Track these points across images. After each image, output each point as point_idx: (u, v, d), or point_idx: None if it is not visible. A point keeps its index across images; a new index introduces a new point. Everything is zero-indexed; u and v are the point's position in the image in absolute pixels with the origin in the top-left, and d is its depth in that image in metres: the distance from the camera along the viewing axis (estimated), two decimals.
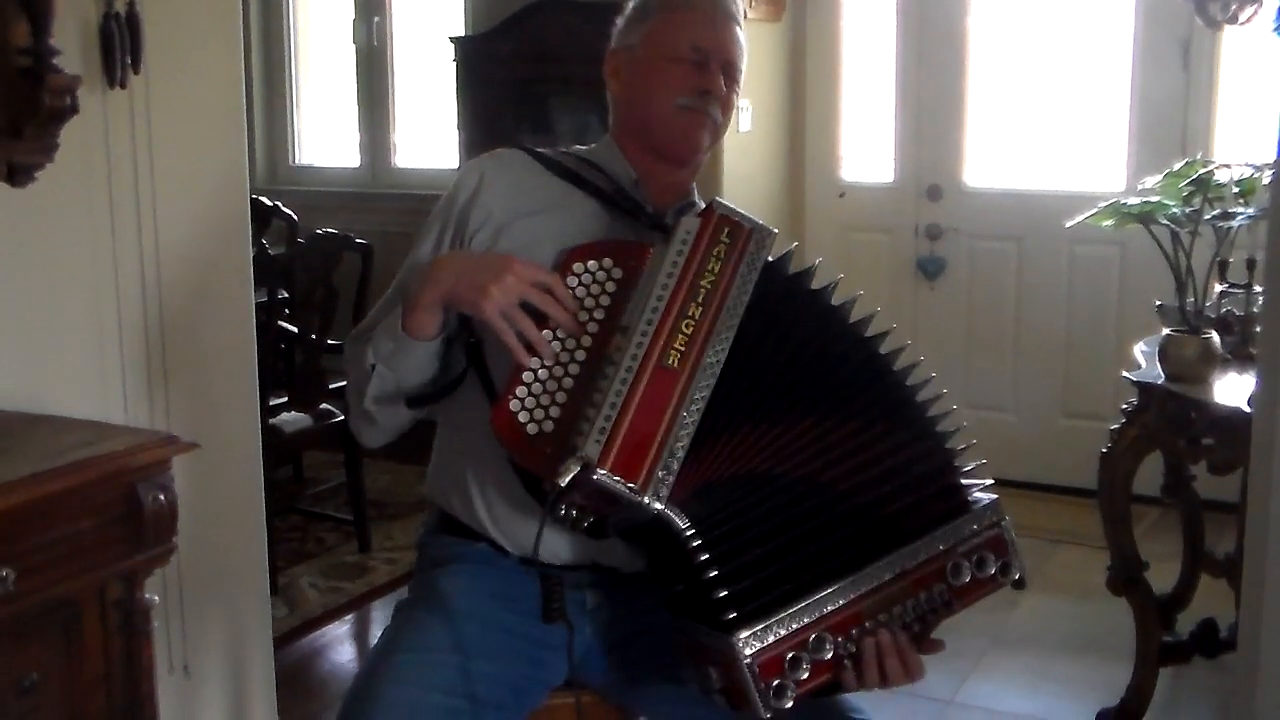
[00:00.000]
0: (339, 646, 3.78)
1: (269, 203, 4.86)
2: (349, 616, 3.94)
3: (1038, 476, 4.93)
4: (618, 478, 1.58)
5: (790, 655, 1.60)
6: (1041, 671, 3.55)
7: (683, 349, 1.64)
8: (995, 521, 1.75)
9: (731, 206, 1.73)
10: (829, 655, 1.63)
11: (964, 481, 1.76)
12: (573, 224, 1.86)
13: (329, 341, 4.20)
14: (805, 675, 1.61)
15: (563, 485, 1.58)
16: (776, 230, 1.74)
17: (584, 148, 2.03)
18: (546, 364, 1.67)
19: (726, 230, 1.70)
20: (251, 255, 2.86)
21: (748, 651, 1.57)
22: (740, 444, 1.66)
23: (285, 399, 4.18)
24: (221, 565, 2.81)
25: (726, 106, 1.94)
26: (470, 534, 1.90)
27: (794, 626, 1.60)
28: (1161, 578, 3.22)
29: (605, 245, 1.77)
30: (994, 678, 3.52)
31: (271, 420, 3.92)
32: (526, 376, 1.67)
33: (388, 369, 1.79)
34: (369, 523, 4.41)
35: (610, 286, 1.72)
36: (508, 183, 1.91)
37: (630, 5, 2.00)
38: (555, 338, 1.68)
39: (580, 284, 1.72)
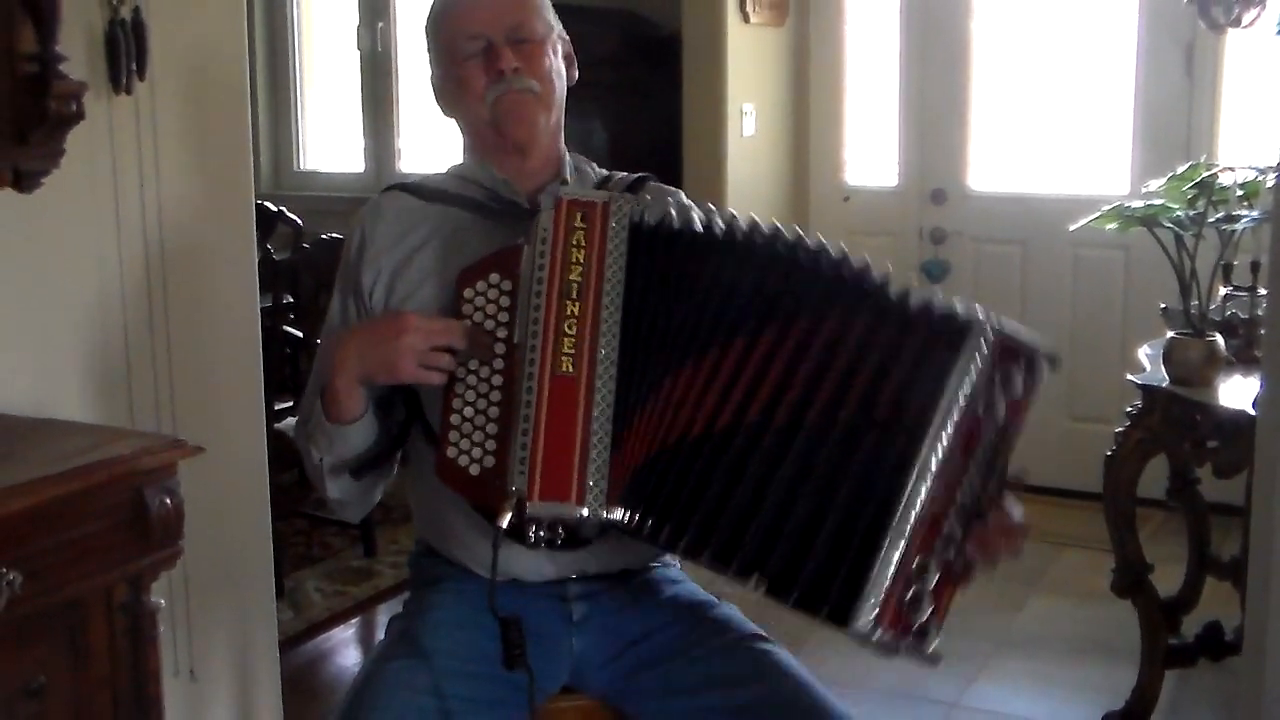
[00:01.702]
0: (344, 650, 3.79)
1: (274, 208, 4.86)
2: (354, 620, 3.95)
3: (1042, 479, 4.90)
4: (550, 502, 1.58)
5: (908, 600, 1.50)
6: (1047, 675, 3.55)
7: (572, 351, 1.62)
8: (989, 329, 1.56)
9: (577, 189, 1.74)
10: (937, 574, 1.51)
11: (936, 312, 1.57)
12: (456, 247, 1.84)
13: None
14: (932, 606, 1.51)
15: (504, 527, 1.59)
16: (634, 197, 1.71)
17: (456, 165, 2.03)
18: (469, 400, 1.67)
19: (580, 215, 1.66)
20: (256, 260, 2.87)
21: (875, 632, 1.49)
22: (671, 408, 1.61)
23: (290, 403, 4.18)
24: (227, 569, 2.81)
25: (535, 69, 1.87)
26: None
27: (887, 577, 1.48)
28: (1167, 581, 3.21)
29: (489, 261, 1.73)
30: (999, 680, 3.52)
31: (277, 425, 3.92)
32: (454, 419, 1.67)
33: (335, 459, 1.81)
34: (374, 527, 4.41)
35: (504, 301, 1.70)
36: (386, 230, 1.91)
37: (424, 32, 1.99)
38: (469, 370, 1.68)
39: (475, 308, 1.70)
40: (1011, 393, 1.54)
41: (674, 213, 1.68)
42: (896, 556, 1.49)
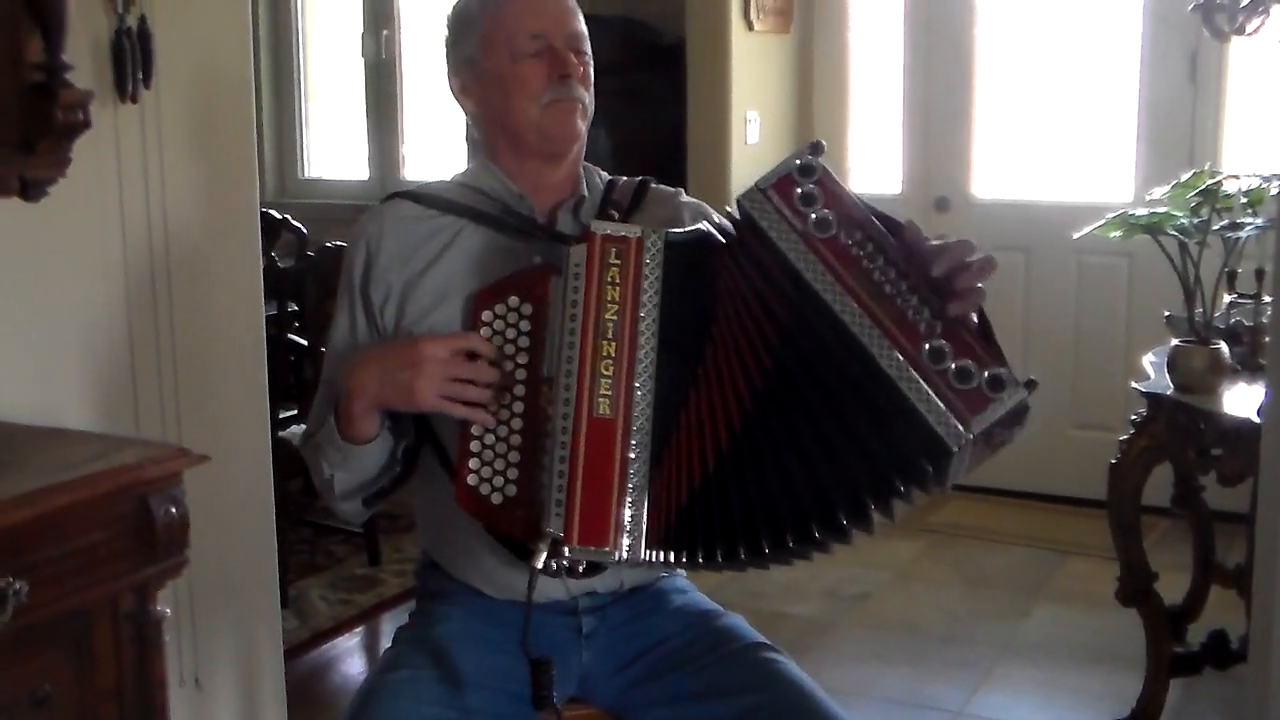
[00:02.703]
0: (349, 659, 3.79)
1: (278, 215, 4.86)
2: (359, 629, 3.95)
3: (1047, 487, 4.92)
4: (586, 546, 1.58)
5: (955, 378, 1.51)
6: (1052, 683, 3.54)
7: (609, 393, 1.60)
8: (753, 190, 1.62)
9: (610, 223, 1.68)
10: (949, 343, 1.53)
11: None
12: (471, 262, 1.82)
13: None
14: (975, 363, 1.52)
15: (539, 568, 1.58)
16: (663, 228, 1.67)
17: (461, 173, 1.98)
18: (489, 428, 1.66)
19: (614, 252, 1.63)
20: (261, 268, 2.87)
21: (974, 425, 1.50)
22: (695, 433, 1.61)
23: (295, 411, 4.18)
24: (232, 577, 2.81)
25: (586, 80, 1.87)
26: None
27: (927, 392, 1.51)
28: (1172, 589, 3.21)
29: (508, 282, 1.71)
30: (1004, 689, 3.51)
31: (281, 433, 3.93)
32: (474, 446, 1.66)
33: (344, 473, 1.80)
34: (379, 535, 4.41)
35: (525, 325, 1.68)
36: (393, 243, 1.86)
37: (450, 18, 1.94)
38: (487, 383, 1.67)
39: (494, 331, 1.69)
40: (814, 203, 1.59)
41: (706, 227, 1.68)
42: (912, 374, 1.51)
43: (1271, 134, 4.46)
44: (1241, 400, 2.75)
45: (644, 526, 1.60)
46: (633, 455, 1.59)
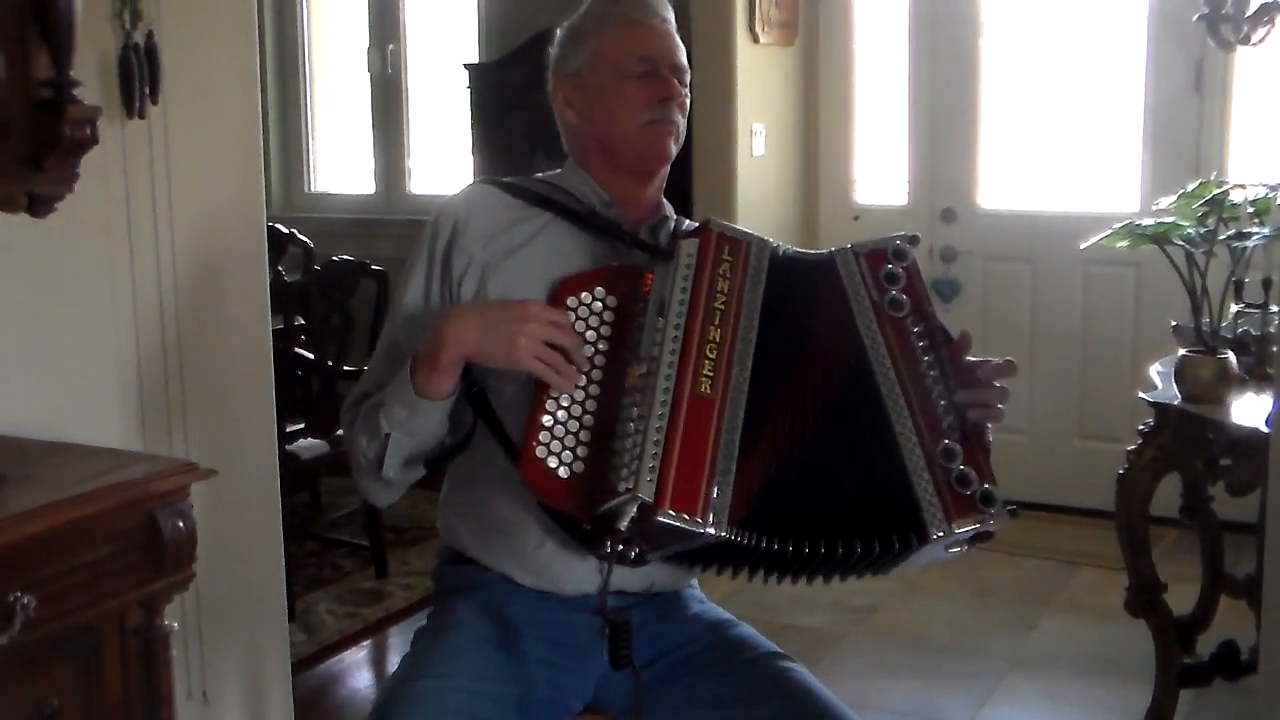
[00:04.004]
0: (357, 672, 3.78)
1: (285, 230, 4.89)
2: (366, 642, 3.94)
3: (1054, 498, 4.91)
4: (679, 513, 1.60)
5: (955, 480, 1.67)
6: (1060, 694, 3.53)
7: (712, 374, 1.67)
8: (847, 252, 1.82)
9: (725, 224, 1.78)
10: (962, 449, 1.69)
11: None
12: (556, 254, 1.87)
13: (345, 368, 4.21)
14: (976, 474, 1.69)
15: (622, 529, 1.60)
16: (770, 239, 1.80)
17: (548, 173, 2.03)
18: (564, 404, 1.70)
19: (727, 248, 1.75)
20: (268, 282, 2.88)
21: (954, 527, 1.66)
22: (778, 437, 1.70)
23: (302, 425, 4.19)
24: (240, 591, 2.81)
25: (683, 108, 1.95)
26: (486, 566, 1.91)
27: (928, 482, 1.67)
28: (1181, 599, 3.20)
29: (595, 275, 1.80)
30: (1013, 700, 3.50)
31: (288, 447, 3.93)
32: (546, 420, 1.69)
33: (404, 434, 1.80)
34: (386, 548, 4.41)
35: (608, 316, 1.76)
36: (484, 222, 1.91)
37: (561, 32, 2.01)
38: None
39: (577, 317, 1.75)
40: (896, 282, 1.78)
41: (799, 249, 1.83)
42: (922, 462, 1.68)
43: (1277, 143, 4.46)
44: (1249, 410, 2.75)
45: (729, 503, 1.64)
46: (725, 436, 1.65)
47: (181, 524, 2.00)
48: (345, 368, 4.21)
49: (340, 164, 6.44)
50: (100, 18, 2.40)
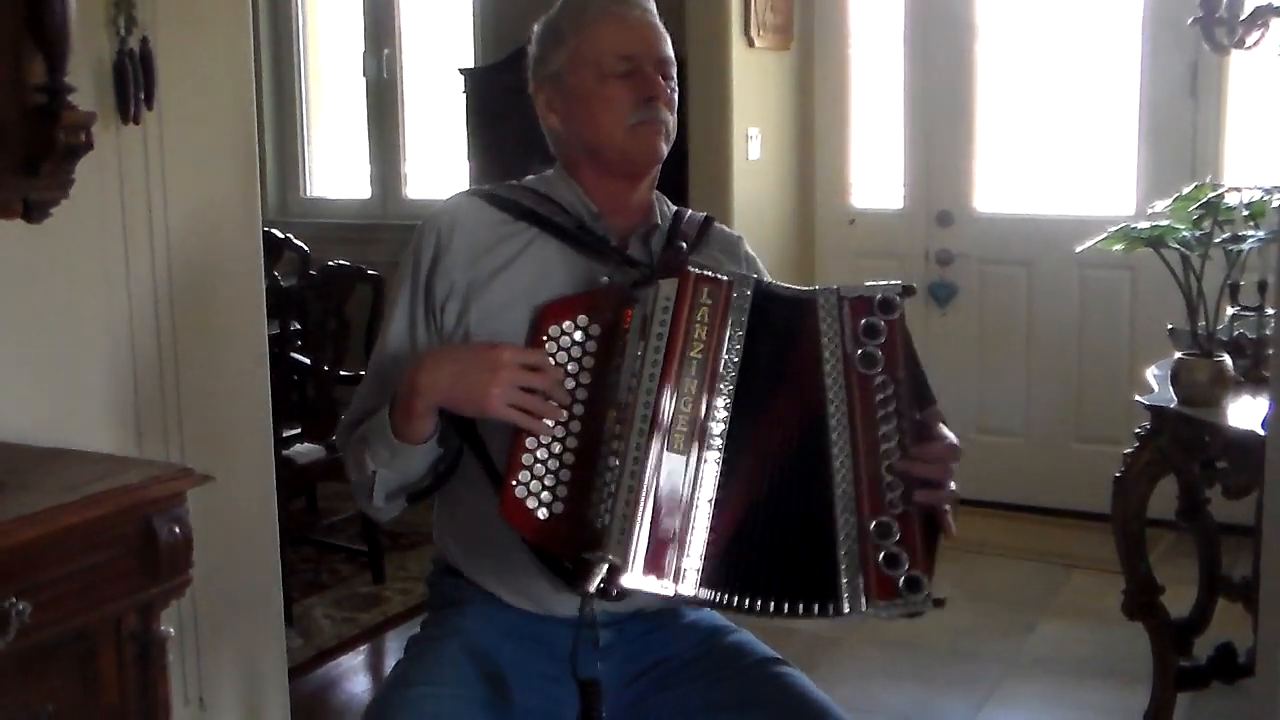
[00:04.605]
0: (353, 677, 3.78)
1: (281, 235, 4.88)
2: (363, 647, 3.94)
3: (1051, 501, 4.92)
4: (649, 578, 1.58)
5: (882, 560, 1.61)
6: (1057, 697, 3.53)
7: (686, 429, 1.61)
8: (830, 294, 1.69)
9: (702, 263, 1.69)
10: (898, 530, 1.63)
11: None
12: (540, 274, 1.82)
13: (341, 373, 4.21)
14: (909, 558, 1.62)
15: (591, 590, 1.58)
16: (751, 274, 1.72)
17: (536, 178, 1.97)
18: (544, 442, 1.66)
19: (706, 291, 1.65)
20: (264, 288, 2.88)
21: (867, 605, 1.61)
22: (748, 492, 1.65)
23: (298, 430, 4.18)
24: (236, 597, 2.81)
25: (671, 105, 1.88)
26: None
27: (854, 548, 1.62)
28: (1178, 602, 3.20)
29: (578, 301, 1.73)
30: (1011, 703, 3.50)
31: (285, 452, 3.93)
32: (525, 459, 1.66)
33: (389, 470, 1.78)
34: (383, 553, 4.41)
35: (590, 346, 1.70)
36: (466, 242, 1.86)
37: (539, 28, 1.94)
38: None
39: (559, 347, 1.70)
40: (875, 336, 1.66)
41: (784, 284, 1.73)
42: (854, 534, 1.62)
43: (1272, 146, 4.47)
44: (1245, 412, 2.75)
45: (701, 565, 1.61)
46: (700, 495, 1.61)
47: (178, 529, 2.00)
48: (341, 372, 4.20)
49: (336, 169, 6.44)
50: (95, 23, 2.41)
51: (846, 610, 1.61)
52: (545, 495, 1.66)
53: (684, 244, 1.89)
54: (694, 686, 1.84)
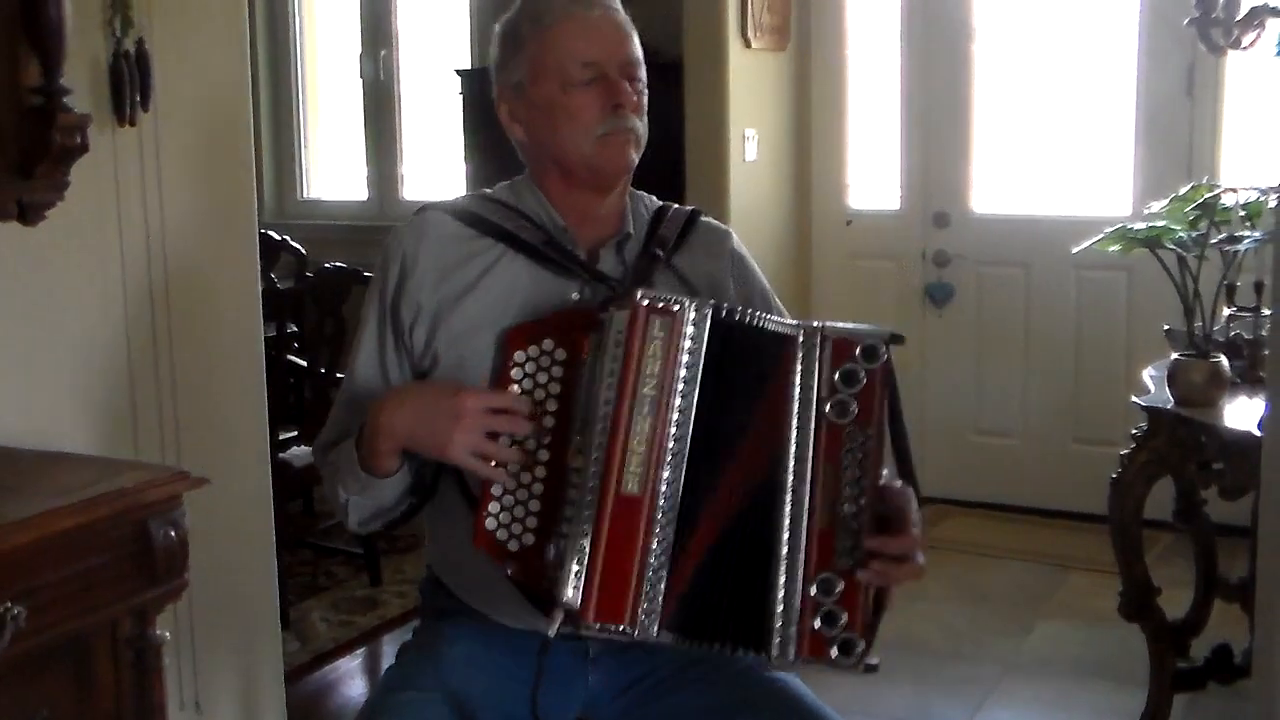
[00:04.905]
0: (350, 680, 3.77)
1: (277, 237, 4.88)
2: (360, 650, 3.93)
3: (1047, 502, 4.92)
4: (604, 623, 1.56)
5: (820, 616, 1.57)
6: (1055, 699, 3.53)
7: (640, 471, 1.55)
8: (812, 333, 1.60)
9: (656, 293, 1.60)
10: (840, 588, 1.57)
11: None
12: (508, 293, 1.77)
13: (338, 375, 4.20)
14: (847, 619, 1.57)
15: (551, 635, 1.57)
16: (711, 300, 1.62)
17: (505, 187, 1.90)
18: (512, 473, 1.62)
19: (658, 323, 1.57)
20: (260, 290, 2.88)
21: (794, 655, 1.57)
22: (712, 530, 1.60)
23: (295, 433, 4.18)
24: (232, 600, 2.81)
25: (640, 110, 1.80)
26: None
27: (779, 603, 1.57)
28: (1175, 603, 3.20)
29: (545, 325, 1.67)
30: (1008, 705, 3.50)
31: (281, 454, 3.93)
32: (495, 490, 1.63)
33: (361, 499, 1.76)
34: (380, 556, 4.40)
35: (557, 371, 1.64)
36: (431, 262, 1.79)
37: (499, 28, 1.85)
38: (515, 441, 1.63)
39: (525, 374, 1.64)
40: (852, 384, 1.58)
41: (756, 312, 1.64)
42: (797, 584, 1.57)
43: (1269, 146, 4.47)
44: (1242, 413, 2.75)
45: (660, 607, 1.58)
46: (656, 535, 1.56)
47: (174, 533, 1.99)
48: (338, 375, 4.19)
49: (332, 170, 6.44)
50: (91, 25, 2.40)
51: (775, 656, 1.57)
52: (515, 527, 1.63)
53: (660, 251, 1.83)
54: (687, 693, 1.82)
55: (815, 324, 1.61)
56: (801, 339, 1.60)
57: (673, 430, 1.57)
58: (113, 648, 1.97)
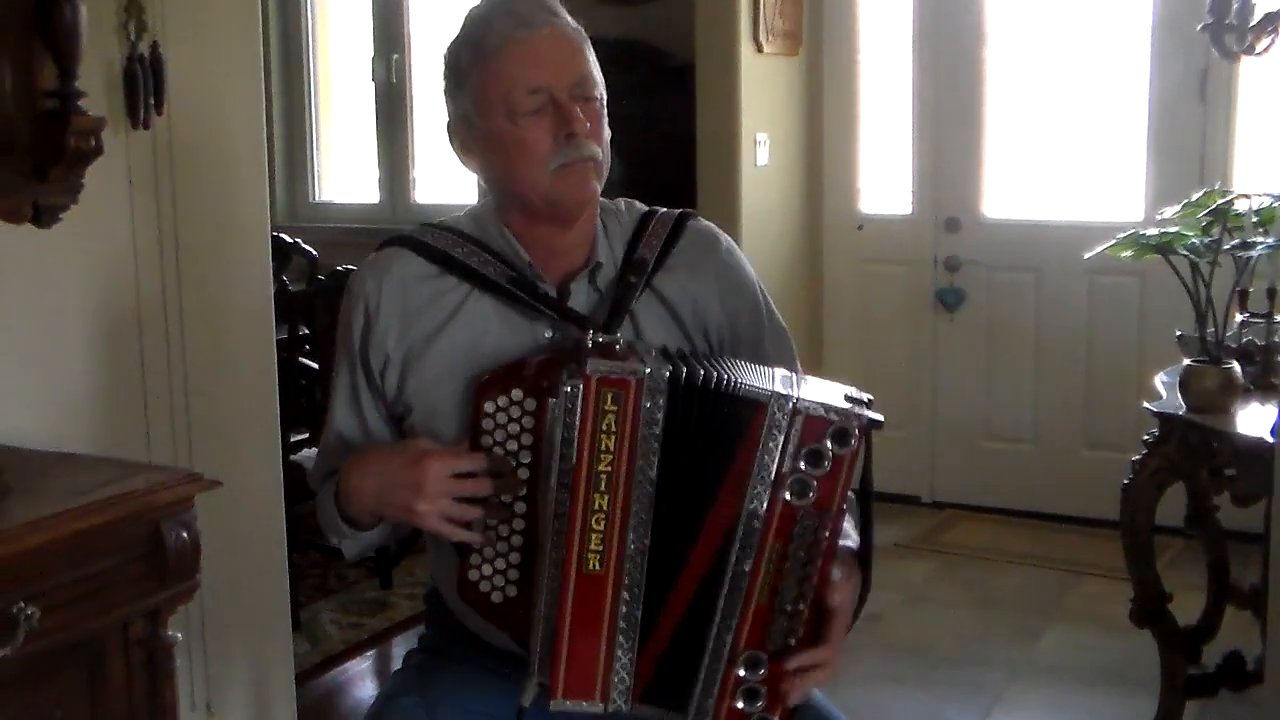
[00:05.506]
0: (360, 682, 3.78)
1: (289, 240, 4.88)
2: (370, 652, 3.94)
3: (1059, 508, 4.91)
4: (575, 700, 1.56)
5: (741, 692, 1.57)
6: (1065, 705, 3.52)
7: (600, 548, 1.53)
8: (785, 402, 1.52)
9: (608, 364, 1.52)
10: (765, 668, 1.57)
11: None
12: (477, 336, 1.71)
13: None
14: (767, 698, 1.58)
15: (526, 705, 1.57)
16: (669, 367, 1.55)
17: (471, 215, 1.81)
18: (490, 525, 1.60)
19: (609, 396, 1.51)
20: (272, 292, 2.88)
21: None
22: (678, 600, 1.58)
23: (306, 435, 4.18)
24: (244, 602, 2.81)
25: (597, 131, 1.69)
26: None
27: (718, 670, 1.57)
28: (1186, 610, 3.19)
29: (512, 374, 1.60)
30: (1017, 710, 3.49)
31: (293, 457, 3.93)
32: (475, 543, 1.62)
33: (348, 541, 1.77)
34: (390, 559, 4.41)
35: (528, 421, 1.58)
36: (394, 308, 1.73)
37: (446, 54, 1.76)
38: (483, 500, 1.60)
39: (496, 424, 1.58)
40: (818, 464, 1.52)
41: (715, 373, 1.56)
42: (724, 657, 1.56)
43: None
44: (1254, 420, 2.74)
45: (630, 681, 1.57)
46: (623, 611, 1.55)
47: (185, 534, 2.00)
48: None
49: (345, 173, 6.45)
50: (105, 29, 2.41)
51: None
52: (497, 579, 1.61)
53: (635, 279, 1.74)
54: None
55: (790, 393, 1.52)
56: (772, 408, 1.51)
57: (634, 506, 1.53)
58: (125, 649, 1.97)
